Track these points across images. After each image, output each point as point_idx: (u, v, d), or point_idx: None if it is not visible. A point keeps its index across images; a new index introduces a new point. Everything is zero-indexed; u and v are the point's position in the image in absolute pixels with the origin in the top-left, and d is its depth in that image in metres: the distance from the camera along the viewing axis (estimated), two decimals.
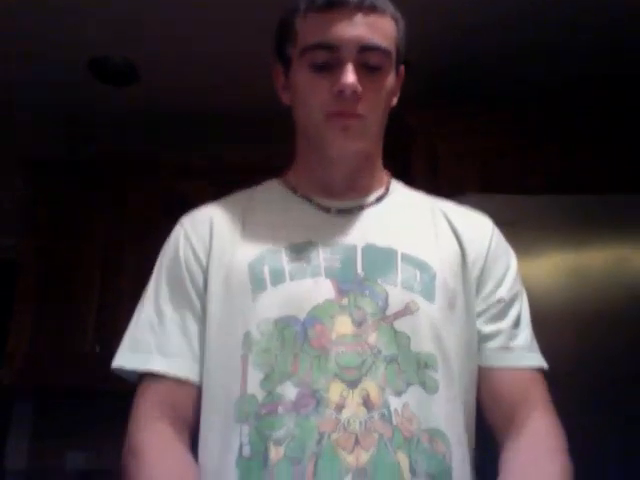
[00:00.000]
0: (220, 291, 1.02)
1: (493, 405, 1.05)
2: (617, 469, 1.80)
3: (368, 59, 1.00)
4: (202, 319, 1.03)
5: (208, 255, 1.05)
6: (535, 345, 1.09)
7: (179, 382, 1.01)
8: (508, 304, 1.08)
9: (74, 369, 2.60)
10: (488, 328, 1.06)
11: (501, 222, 1.16)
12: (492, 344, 1.06)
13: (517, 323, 1.08)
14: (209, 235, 1.07)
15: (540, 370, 1.07)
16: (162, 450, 0.96)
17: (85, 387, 2.57)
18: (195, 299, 1.04)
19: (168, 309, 1.04)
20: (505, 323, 1.07)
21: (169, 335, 1.03)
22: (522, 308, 1.10)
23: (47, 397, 2.91)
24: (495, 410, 1.05)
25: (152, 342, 1.03)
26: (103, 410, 2.56)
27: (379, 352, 0.96)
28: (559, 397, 1.06)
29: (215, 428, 0.98)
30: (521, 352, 1.07)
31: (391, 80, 1.05)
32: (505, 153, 2.41)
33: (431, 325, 1.00)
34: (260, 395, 0.95)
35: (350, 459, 0.90)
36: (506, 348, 1.06)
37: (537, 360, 1.08)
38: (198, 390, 1.02)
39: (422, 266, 1.03)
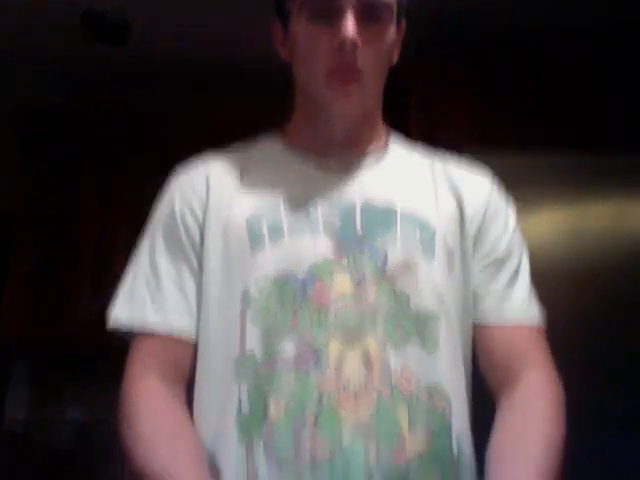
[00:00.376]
0: (217, 247, 1.01)
1: (489, 363, 1.05)
2: (616, 425, 1.81)
3: (368, 10, 0.98)
4: (198, 275, 1.02)
5: (205, 209, 1.04)
6: (533, 302, 1.08)
7: (175, 338, 1.01)
8: (505, 261, 1.07)
9: (71, 327, 2.61)
10: (484, 285, 1.06)
11: (499, 179, 1.15)
12: (487, 301, 1.06)
13: (514, 280, 1.07)
14: (205, 189, 1.05)
15: (537, 326, 1.07)
16: (157, 411, 0.96)
17: (82, 344, 2.58)
18: (191, 254, 1.03)
19: (164, 264, 1.03)
20: (501, 280, 1.06)
21: (165, 290, 1.02)
22: (520, 264, 1.09)
23: (45, 354, 2.92)
24: (491, 368, 1.05)
25: (147, 298, 1.02)
26: (101, 366, 2.57)
27: (379, 310, 0.96)
28: (556, 352, 1.06)
29: (213, 385, 0.98)
30: (516, 309, 1.06)
31: (392, 34, 1.03)
32: (504, 109, 2.37)
33: (431, 283, 0.99)
34: (259, 352, 0.95)
35: (350, 416, 0.91)
36: (501, 305, 1.05)
37: (534, 317, 1.07)
38: (194, 348, 1.01)
39: (422, 224, 1.02)
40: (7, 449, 2.81)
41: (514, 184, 1.24)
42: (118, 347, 1.08)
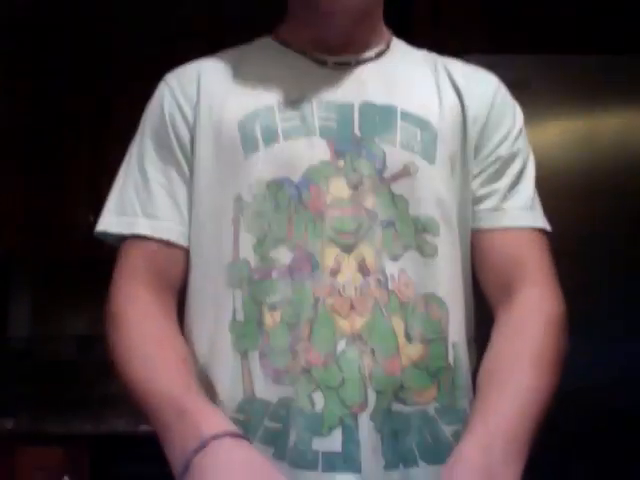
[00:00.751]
0: (209, 151, 0.97)
1: (487, 272, 1.00)
2: (624, 331, 1.82)
3: None
4: (189, 182, 0.99)
5: (195, 111, 0.98)
6: (536, 206, 1.02)
7: (165, 245, 0.97)
8: (506, 163, 1.01)
9: (69, 240, 2.61)
10: (483, 189, 1.00)
11: (510, 83, 1.08)
12: (485, 204, 1.00)
13: (515, 183, 1.01)
14: (196, 92, 1.00)
15: (540, 231, 1.00)
16: (141, 317, 0.93)
17: (81, 256, 2.58)
18: (182, 160, 0.99)
19: (153, 170, 0.99)
20: (501, 183, 1.00)
21: (155, 197, 0.98)
22: (524, 168, 1.02)
23: (45, 267, 2.93)
24: (489, 278, 1.00)
25: (137, 204, 0.98)
26: (101, 280, 2.57)
27: (376, 216, 0.92)
28: (565, 265, 1.02)
29: (205, 295, 0.96)
30: (516, 212, 1.00)
31: None
32: (513, 11, 2.26)
33: (431, 188, 0.95)
34: (253, 260, 0.92)
35: (345, 324, 0.89)
36: (499, 208, 1.00)
37: (535, 220, 1.01)
38: (185, 255, 0.99)
39: (423, 125, 0.97)
40: (11, 364, 2.85)
41: (523, 90, 1.18)
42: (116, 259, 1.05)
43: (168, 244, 0.98)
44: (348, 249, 0.91)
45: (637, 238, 1.84)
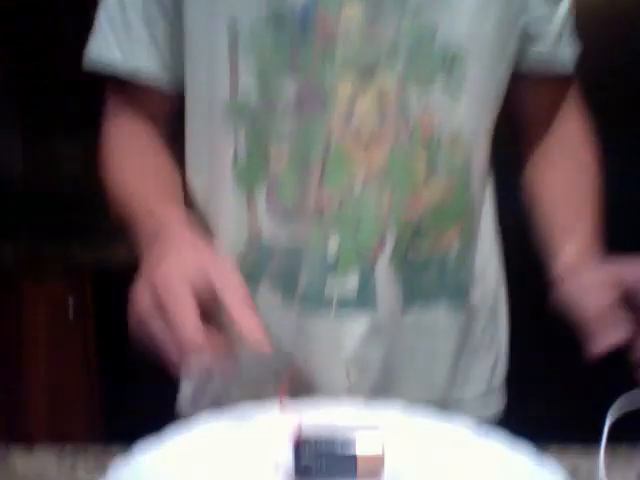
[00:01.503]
0: None
1: (529, 112, 0.99)
2: None
3: None
4: (173, 10, 0.86)
5: None
6: (572, 41, 0.95)
7: (146, 86, 0.89)
8: (556, 3, 0.90)
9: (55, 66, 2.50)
10: (538, 24, 0.89)
11: None
12: (536, 47, 0.91)
13: (564, 24, 0.92)
14: None
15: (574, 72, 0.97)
16: (129, 139, 0.92)
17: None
18: None
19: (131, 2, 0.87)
20: (557, 19, 0.91)
21: (133, 33, 0.87)
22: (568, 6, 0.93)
23: (35, 97, 2.83)
24: (530, 118, 0.99)
25: (114, 43, 0.88)
26: (90, 107, 2.50)
27: (397, 43, 0.79)
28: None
29: (205, 136, 0.87)
30: (564, 59, 0.94)
31: None
32: None
33: (463, 13, 0.80)
34: (255, 92, 0.81)
35: (362, 160, 0.81)
36: (550, 54, 0.92)
37: (574, 62, 0.96)
38: (171, 89, 0.90)
39: None
40: (5, 201, 2.81)
41: None
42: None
43: (146, 80, 0.89)
44: (364, 80, 0.79)
45: None
